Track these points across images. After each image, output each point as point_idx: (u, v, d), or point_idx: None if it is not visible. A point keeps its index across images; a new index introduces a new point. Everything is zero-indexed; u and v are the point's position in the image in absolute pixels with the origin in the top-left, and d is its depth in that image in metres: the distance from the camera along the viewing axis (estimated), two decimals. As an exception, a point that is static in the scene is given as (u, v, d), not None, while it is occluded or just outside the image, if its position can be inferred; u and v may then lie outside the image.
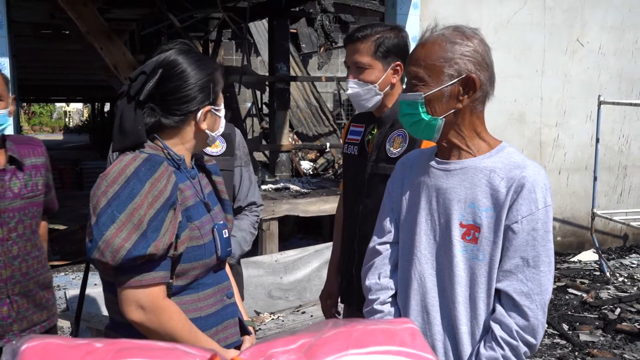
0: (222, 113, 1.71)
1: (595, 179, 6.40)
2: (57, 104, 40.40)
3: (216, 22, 10.14)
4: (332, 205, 6.35)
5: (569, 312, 5.15)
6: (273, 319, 4.52)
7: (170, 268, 1.53)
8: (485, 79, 1.56)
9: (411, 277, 1.66)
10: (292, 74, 10.55)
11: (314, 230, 7.87)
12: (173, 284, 1.55)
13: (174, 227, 1.50)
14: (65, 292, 4.21)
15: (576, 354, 4.36)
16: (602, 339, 4.62)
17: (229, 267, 2.47)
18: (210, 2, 8.15)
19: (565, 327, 4.86)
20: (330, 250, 2.72)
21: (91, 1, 6.49)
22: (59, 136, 33.96)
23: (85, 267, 1.90)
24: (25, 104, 32.04)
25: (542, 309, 1.52)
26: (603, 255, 6.36)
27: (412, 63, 1.60)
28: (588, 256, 6.93)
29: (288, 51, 9.71)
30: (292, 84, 10.50)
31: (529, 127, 6.97)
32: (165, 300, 1.51)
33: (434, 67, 1.55)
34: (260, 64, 12.58)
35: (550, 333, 4.73)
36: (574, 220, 7.28)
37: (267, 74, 10.21)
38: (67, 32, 9.16)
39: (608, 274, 6.09)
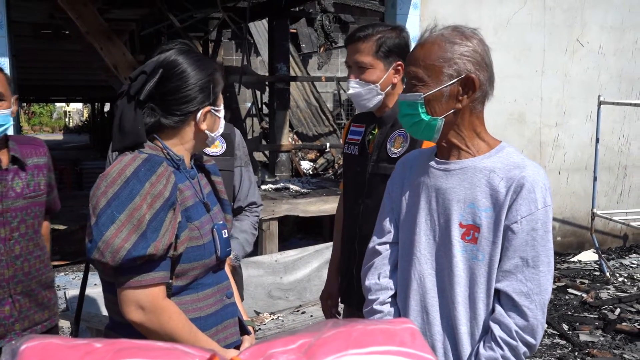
0: (221, 114, 1.71)
1: (595, 179, 6.40)
2: (57, 104, 40.43)
3: (216, 22, 10.14)
4: (332, 205, 6.34)
5: (569, 312, 5.15)
6: (273, 319, 4.52)
7: (170, 268, 1.53)
8: (484, 79, 1.56)
9: (411, 277, 1.66)
10: (292, 74, 10.56)
11: (313, 230, 7.87)
12: (173, 284, 1.55)
13: (173, 227, 1.50)
14: (65, 292, 4.21)
15: (576, 354, 4.36)
16: (602, 339, 4.62)
17: (228, 267, 2.48)
18: (210, 2, 8.15)
19: (565, 327, 4.86)
20: (330, 250, 2.72)
21: (91, 1, 6.49)
22: (58, 136, 33.96)
23: (85, 267, 1.90)
24: (25, 104, 32.04)
25: (541, 309, 1.52)
26: (603, 256, 6.36)
27: (411, 63, 1.60)
28: (588, 256, 6.93)
29: (288, 51, 9.71)
30: (292, 84, 10.50)
31: (528, 127, 6.97)
32: (165, 301, 1.51)
33: (433, 67, 1.55)
34: (260, 64, 12.58)
35: (550, 333, 4.73)
36: (574, 220, 7.28)
37: (267, 74, 10.21)
38: (67, 32, 9.15)
39: (608, 274, 6.09)
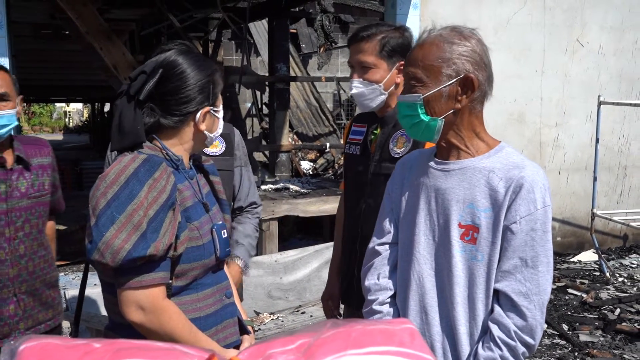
0: (220, 114, 1.71)
1: (595, 179, 6.40)
2: (57, 104, 40.40)
3: (216, 22, 10.14)
4: (332, 205, 6.34)
5: (569, 313, 5.15)
6: (273, 319, 4.52)
7: (169, 269, 1.52)
8: (483, 78, 1.56)
9: (410, 277, 1.66)
10: (292, 74, 10.55)
11: (313, 231, 7.87)
12: (172, 285, 1.55)
13: (173, 227, 1.50)
14: (64, 292, 4.21)
15: (576, 354, 4.36)
16: (601, 339, 4.61)
17: (239, 274, 2.51)
18: (210, 2, 8.14)
19: (565, 327, 4.86)
20: (330, 250, 2.72)
21: (91, 1, 6.48)
22: (58, 136, 33.93)
23: (85, 267, 1.90)
24: (25, 104, 32.04)
25: (540, 309, 1.52)
26: (603, 256, 6.36)
27: (410, 64, 1.60)
28: (588, 256, 6.93)
29: (288, 51, 9.70)
30: (292, 84, 10.49)
31: (528, 128, 6.97)
32: (165, 301, 1.50)
33: (432, 68, 1.55)
34: (260, 64, 12.58)
35: (550, 333, 4.73)
36: (574, 220, 7.28)
37: (267, 74, 10.21)
38: (66, 33, 9.15)
39: (608, 274, 6.08)
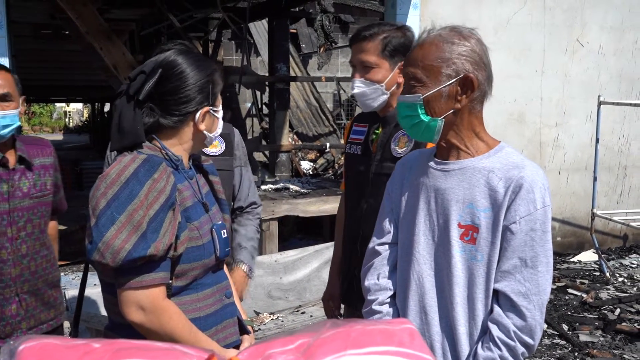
0: (220, 114, 1.71)
1: (595, 179, 6.39)
2: (57, 104, 40.41)
3: (216, 22, 10.14)
4: (332, 205, 6.34)
5: (569, 313, 5.15)
6: (273, 319, 4.52)
7: (170, 269, 1.52)
8: (483, 78, 1.56)
9: (410, 277, 1.66)
10: (292, 74, 10.55)
11: (313, 231, 7.87)
12: (172, 285, 1.55)
13: (173, 227, 1.50)
14: (64, 292, 4.21)
15: (576, 354, 4.36)
16: (601, 339, 4.61)
17: (245, 279, 2.52)
18: (210, 2, 8.14)
19: (565, 327, 4.86)
20: (330, 250, 2.72)
21: (91, 1, 6.48)
22: (58, 136, 33.92)
23: (85, 267, 1.90)
24: (25, 104, 32.03)
25: (539, 309, 1.52)
26: (603, 256, 6.36)
27: (409, 64, 1.60)
28: (588, 256, 6.93)
29: (288, 51, 9.70)
30: (292, 84, 10.49)
31: (528, 128, 6.97)
32: (166, 301, 1.50)
33: (431, 68, 1.55)
34: (260, 64, 12.58)
35: (550, 333, 4.73)
36: (574, 220, 7.27)
37: (267, 74, 10.21)
38: (66, 33, 9.15)
39: (608, 274, 6.08)
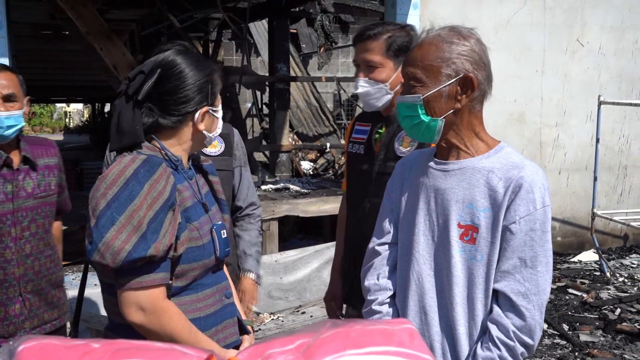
0: (219, 114, 1.70)
1: (595, 179, 6.39)
2: (57, 105, 40.41)
3: (216, 23, 10.14)
4: (332, 205, 6.34)
5: (569, 313, 5.15)
6: (273, 319, 4.52)
7: (170, 269, 1.52)
8: (482, 78, 1.56)
9: (409, 277, 1.66)
10: (292, 74, 10.55)
11: (314, 231, 7.87)
12: (172, 285, 1.55)
13: (173, 228, 1.50)
14: (65, 293, 4.20)
15: (576, 354, 4.36)
16: (602, 339, 4.61)
17: (253, 286, 2.52)
18: (210, 3, 8.15)
19: (566, 327, 4.85)
20: (330, 250, 2.71)
21: (91, 2, 6.48)
22: (59, 137, 33.90)
23: (84, 268, 1.90)
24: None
25: (539, 309, 1.52)
26: (603, 256, 6.35)
27: (409, 64, 1.60)
28: (588, 256, 6.92)
29: (288, 51, 9.70)
30: (292, 84, 10.49)
31: (529, 128, 6.96)
32: (166, 302, 1.50)
33: (431, 68, 1.54)
34: (260, 64, 12.58)
35: (551, 333, 4.73)
36: (574, 220, 7.27)
37: (267, 74, 10.21)
38: (67, 33, 9.16)
39: (608, 274, 6.08)
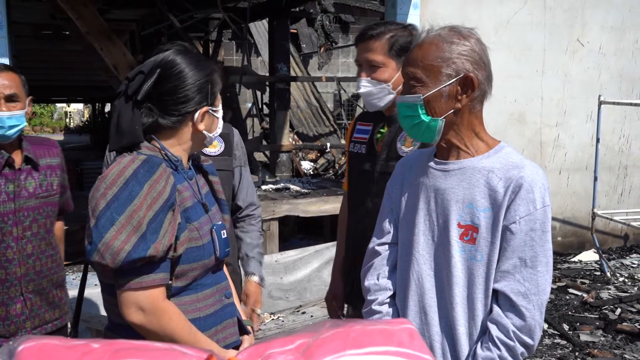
0: (220, 114, 1.70)
1: (595, 179, 6.39)
2: (57, 105, 40.43)
3: (216, 23, 10.14)
4: (333, 205, 6.34)
5: (570, 312, 5.15)
6: (273, 319, 4.52)
7: (169, 269, 1.52)
8: (483, 78, 1.56)
9: (409, 277, 1.66)
10: (293, 74, 10.55)
11: (314, 231, 7.87)
12: (172, 285, 1.55)
13: (173, 228, 1.50)
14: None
15: (576, 354, 4.35)
16: (602, 339, 4.61)
17: (258, 289, 2.53)
18: (210, 3, 8.14)
19: (566, 327, 4.85)
20: (330, 250, 2.71)
21: (91, 2, 6.48)
22: (59, 137, 33.89)
23: (84, 268, 1.90)
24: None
25: (539, 309, 1.52)
26: (603, 255, 6.35)
27: (409, 64, 1.59)
28: (588, 256, 6.92)
29: (288, 51, 9.70)
30: (293, 84, 10.49)
31: (529, 127, 6.96)
32: (165, 302, 1.50)
33: (432, 68, 1.54)
34: (261, 64, 12.58)
35: (551, 333, 4.73)
36: (575, 220, 7.27)
37: (268, 74, 10.21)
38: (67, 33, 9.15)
39: (609, 274, 6.08)
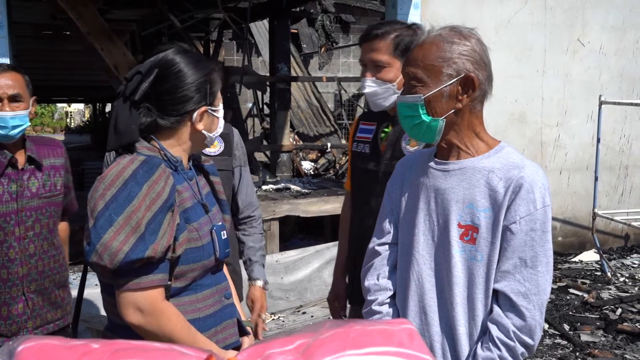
0: (220, 114, 1.69)
1: (596, 179, 6.39)
2: (58, 105, 40.44)
3: (217, 23, 10.14)
4: (333, 205, 6.34)
5: (570, 313, 5.14)
6: (273, 319, 4.52)
7: (168, 270, 1.52)
8: (483, 77, 1.56)
9: (409, 277, 1.66)
10: (293, 74, 10.55)
11: (314, 231, 7.86)
12: (171, 286, 1.55)
13: (172, 229, 1.49)
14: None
15: (577, 354, 4.35)
16: (603, 339, 4.61)
17: (261, 292, 2.54)
18: (211, 3, 8.14)
19: (566, 327, 4.85)
20: (330, 250, 2.71)
21: (92, 2, 6.48)
22: (60, 137, 33.89)
23: (84, 268, 1.90)
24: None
25: (539, 309, 1.51)
26: (604, 256, 6.35)
27: (410, 64, 1.59)
28: (589, 256, 6.92)
29: (289, 51, 9.70)
30: (293, 84, 10.49)
31: (529, 127, 6.96)
32: (164, 303, 1.50)
33: (432, 68, 1.54)
34: (261, 64, 12.58)
35: (551, 333, 4.72)
36: (575, 220, 7.27)
37: (268, 74, 10.21)
38: (67, 33, 9.16)
39: (609, 274, 6.07)
